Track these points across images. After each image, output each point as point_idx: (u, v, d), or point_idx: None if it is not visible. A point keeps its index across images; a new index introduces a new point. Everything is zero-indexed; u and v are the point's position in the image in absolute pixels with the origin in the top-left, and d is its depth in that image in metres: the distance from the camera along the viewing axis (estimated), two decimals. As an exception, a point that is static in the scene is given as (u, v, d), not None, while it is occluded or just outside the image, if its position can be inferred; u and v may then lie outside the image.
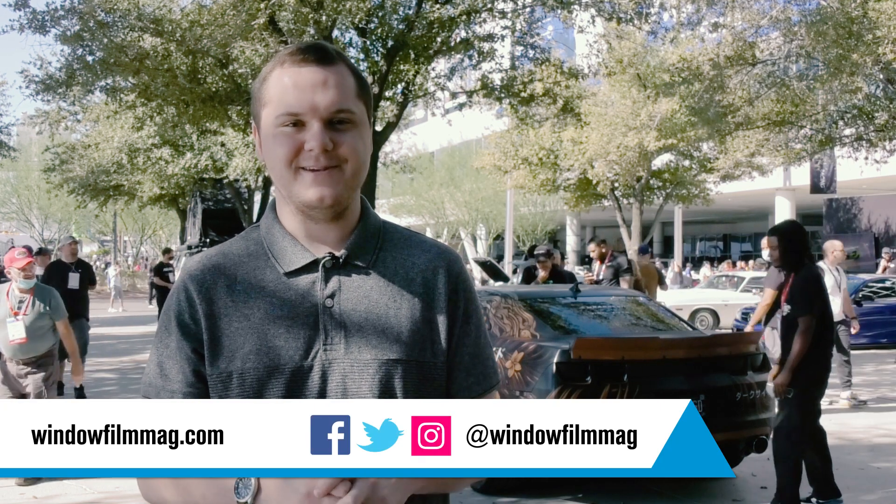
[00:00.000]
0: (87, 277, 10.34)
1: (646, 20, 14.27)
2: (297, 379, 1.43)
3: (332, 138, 1.41)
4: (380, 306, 1.47)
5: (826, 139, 17.27)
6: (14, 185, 53.94)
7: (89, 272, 10.60)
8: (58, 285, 9.80)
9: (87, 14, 11.76)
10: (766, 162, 22.44)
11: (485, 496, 6.01)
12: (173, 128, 18.20)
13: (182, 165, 23.50)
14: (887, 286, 17.13)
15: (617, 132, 21.32)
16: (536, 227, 41.84)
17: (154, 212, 44.02)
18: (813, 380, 5.56)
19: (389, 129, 14.27)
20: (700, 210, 30.11)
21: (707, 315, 19.30)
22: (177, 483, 1.37)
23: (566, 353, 5.78)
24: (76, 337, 10.07)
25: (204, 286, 1.48)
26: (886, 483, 6.54)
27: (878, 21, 12.92)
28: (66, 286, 9.93)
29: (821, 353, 5.59)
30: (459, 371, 1.52)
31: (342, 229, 1.50)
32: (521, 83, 14.37)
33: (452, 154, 43.40)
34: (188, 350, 1.46)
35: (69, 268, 10.22)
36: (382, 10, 12.90)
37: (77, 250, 10.50)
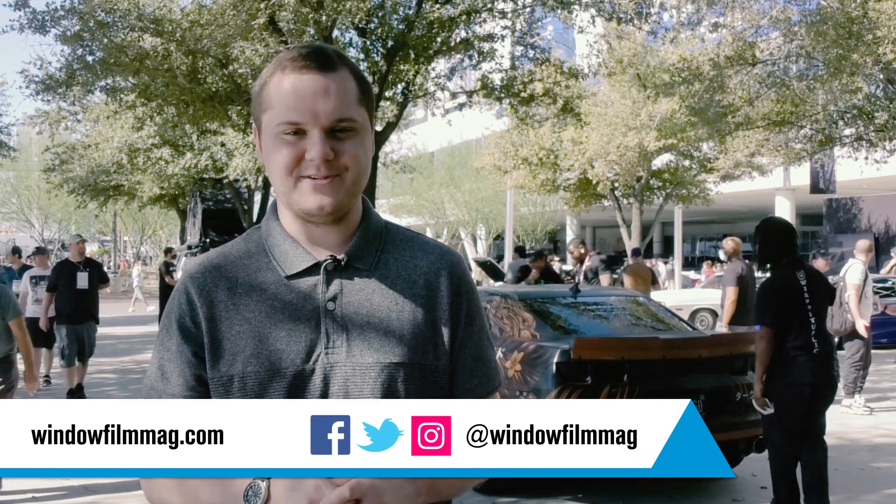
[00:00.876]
0: (96, 276, 10.12)
1: (646, 20, 14.28)
2: (299, 382, 1.42)
3: (333, 147, 1.41)
4: (382, 309, 1.46)
5: (826, 139, 17.27)
6: (14, 185, 53.95)
7: (99, 271, 10.37)
8: (66, 285, 9.78)
9: (87, 14, 11.77)
10: (766, 162, 22.43)
11: (485, 496, 6.01)
12: (173, 128, 18.19)
13: (182, 165, 23.50)
14: (888, 286, 17.12)
15: (617, 132, 21.32)
16: (536, 227, 41.83)
17: (154, 212, 44.03)
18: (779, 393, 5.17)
19: (389, 129, 14.28)
20: (700, 210, 30.10)
21: (707, 315, 19.29)
22: (182, 487, 1.36)
23: (566, 353, 5.78)
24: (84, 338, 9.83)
25: (204, 289, 1.47)
26: (886, 483, 6.54)
27: (879, 21, 12.92)
28: (75, 286, 9.78)
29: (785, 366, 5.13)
30: (462, 373, 1.52)
31: (344, 232, 1.50)
32: (521, 83, 14.38)
33: (452, 154, 43.38)
34: (188, 353, 1.45)
35: (77, 267, 9.98)
36: (382, 10, 12.91)
37: (85, 249, 10.31)
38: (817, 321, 5.21)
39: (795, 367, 5.14)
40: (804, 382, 5.13)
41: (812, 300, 5.21)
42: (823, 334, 5.23)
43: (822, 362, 5.16)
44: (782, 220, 5.69)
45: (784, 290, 5.21)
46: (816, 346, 5.15)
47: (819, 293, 5.27)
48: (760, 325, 5.23)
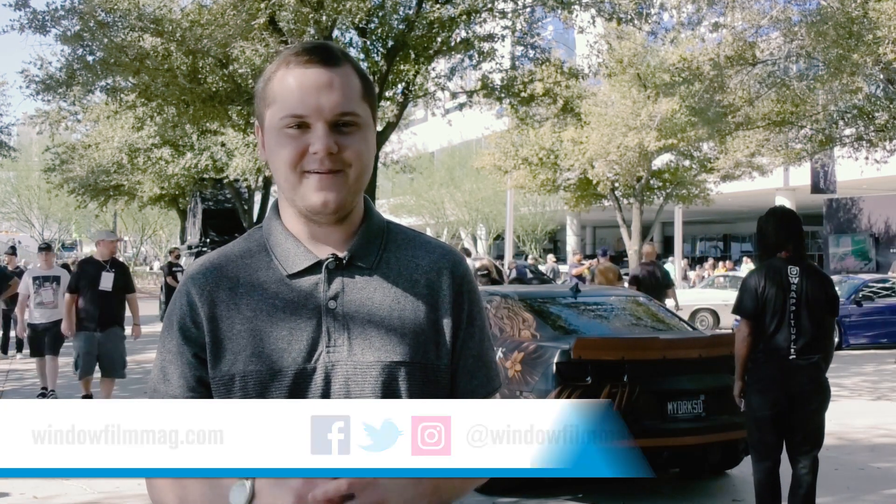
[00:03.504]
0: (122, 280, 8.92)
1: (646, 20, 14.30)
2: (300, 382, 1.42)
3: (337, 141, 1.40)
4: (383, 308, 1.46)
5: (826, 139, 17.27)
6: (14, 185, 53.98)
7: (125, 275, 9.11)
8: (88, 286, 8.67)
9: (88, 14, 11.77)
10: (766, 162, 22.44)
11: (485, 496, 6.01)
12: (173, 128, 18.20)
13: (182, 165, 23.51)
14: (887, 286, 17.13)
15: (617, 132, 21.32)
16: (536, 227, 41.85)
17: (154, 212, 44.05)
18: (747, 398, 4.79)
19: (389, 129, 14.28)
20: (700, 210, 30.10)
21: (707, 315, 19.30)
22: (174, 487, 1.37)
23: (566, 353, 5.78)
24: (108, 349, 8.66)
25: (206, 289, 1.47)
26: (886, 483, 6.54)
27: (879, 21, 12.92)
28: (98, 288, 8.65)
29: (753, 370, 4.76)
30: (463, 373, 1.51)
31: (345, 231, 1.49)
32: (521, 83, 14.38)
33: (452, 154, 43.40)
34: (189, 355, 1.45)
35: (103, 266, 8.79)
36: (382, 10, 12.91)
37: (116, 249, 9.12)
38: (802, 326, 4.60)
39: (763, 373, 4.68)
40: (771, 391, 4.65)
41: (799, 301, 4.61)
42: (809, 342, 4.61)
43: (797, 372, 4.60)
44: (784, 210, 5.04)
45: (766, 283, 4.65)
46: (793, 354, 4.59)
47: (812, 296, 4.62)
48: (739, 315, 4.81)
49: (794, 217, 4.93)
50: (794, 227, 4.82)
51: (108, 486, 6.21)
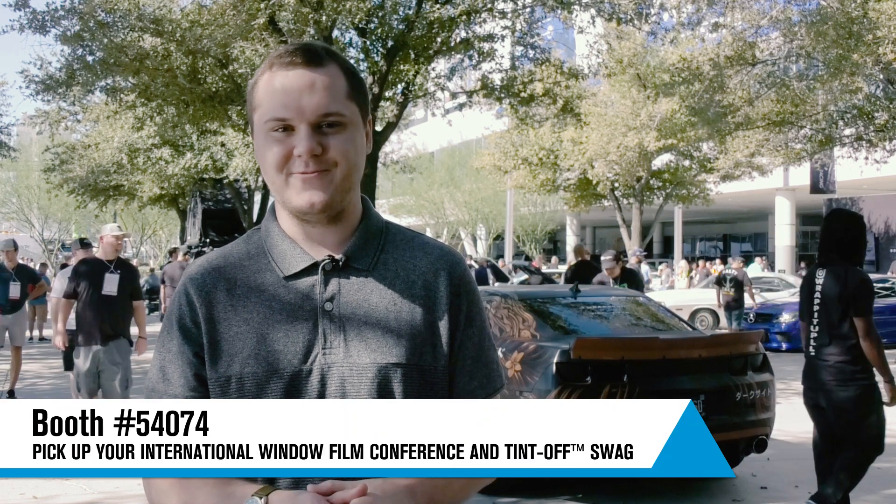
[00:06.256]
0: (128, 283, 7.46)
1: (646, 20, 14.33)
2: (296, 383, 1.42)
3: (321, 142, 1.41)
4: (379, 310, 1.46)
5: (826, 139, 17.28)
6: (14, 185, 53.91)
7: (133, 277, 7.65)
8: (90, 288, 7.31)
9: (87, 14, 11.77)
10: (766, 162, 22.45)
11: (485, 496, 6.01)
12: (173, 128, 18.20)
13: (182, 165, 23.50)
14: (887, 286, 17.12)
15: (617, 132, 21.33)
16: (536, 227, 41.83)
17: (154, 212, 44.01)
18: None
19: (389, 129, 14.29)
20: (700, 210, 30.11)
21: (707, 315, 19.29)
22: (179, 492, 1.36)
23: (566, 353, 5.78)
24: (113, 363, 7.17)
25: (204, 289, 1.47)
26: (887, 483, 6.53)
27: (879, 21, 12.92)
28: (101, 291, 7.25)
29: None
30: (462, 375, 1.51)
31: (342, 231, 1.49)
32: (521, 83, 14.38)
33: (452, 154, 43.38)
34: (189, 354, 1.46)
35: (106, 267, 7.37)
36: (382, 10, 12.91)
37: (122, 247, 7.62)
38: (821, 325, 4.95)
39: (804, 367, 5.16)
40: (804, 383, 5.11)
41: (822, 302, 4.94)
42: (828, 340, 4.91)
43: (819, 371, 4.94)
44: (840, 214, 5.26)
45: (803, 288, 5.20)
46: (812, 351, 5.00)
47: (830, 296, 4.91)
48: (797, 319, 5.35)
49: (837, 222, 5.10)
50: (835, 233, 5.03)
51: (107, 486, 6.21)
